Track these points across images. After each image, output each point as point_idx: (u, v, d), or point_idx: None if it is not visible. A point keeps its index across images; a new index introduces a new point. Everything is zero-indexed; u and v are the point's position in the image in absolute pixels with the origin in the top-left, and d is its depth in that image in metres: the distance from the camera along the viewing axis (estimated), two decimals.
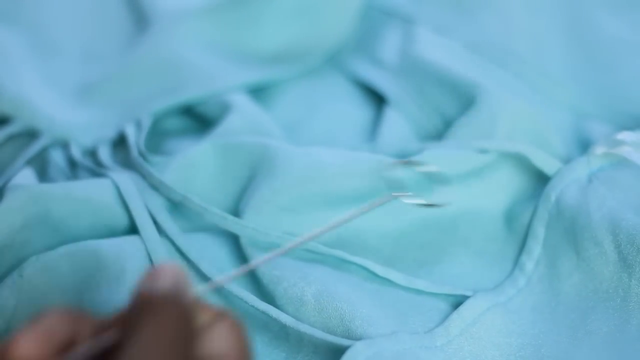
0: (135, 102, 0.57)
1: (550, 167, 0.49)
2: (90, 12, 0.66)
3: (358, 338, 0.42)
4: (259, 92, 0.59)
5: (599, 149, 0.50)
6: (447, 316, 0.45)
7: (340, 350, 0.42)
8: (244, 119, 0.53)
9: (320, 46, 0.61)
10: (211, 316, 0.35)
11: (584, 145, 0.54)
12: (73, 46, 0.63)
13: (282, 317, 0.44)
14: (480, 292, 0.46)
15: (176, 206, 0.49)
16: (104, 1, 0.66)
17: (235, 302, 0.46)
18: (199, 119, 0.58)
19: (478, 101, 0.52)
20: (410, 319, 0.45)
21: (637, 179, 0.48)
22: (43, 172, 0.53)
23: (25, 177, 0.50)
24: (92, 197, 0.48)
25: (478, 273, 0.48)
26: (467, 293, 0.46)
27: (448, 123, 0.54)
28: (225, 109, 0.55)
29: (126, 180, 0.49)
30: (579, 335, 0.44)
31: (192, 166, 0.50)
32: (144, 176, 0.50)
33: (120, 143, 0.55)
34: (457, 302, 0.45)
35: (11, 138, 0.55)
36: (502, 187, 0.51)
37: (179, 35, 0.60)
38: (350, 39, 0.62)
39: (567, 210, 0.47)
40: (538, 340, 0.45)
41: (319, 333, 0.43)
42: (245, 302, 0.45)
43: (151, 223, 0.47)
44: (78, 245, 0.46)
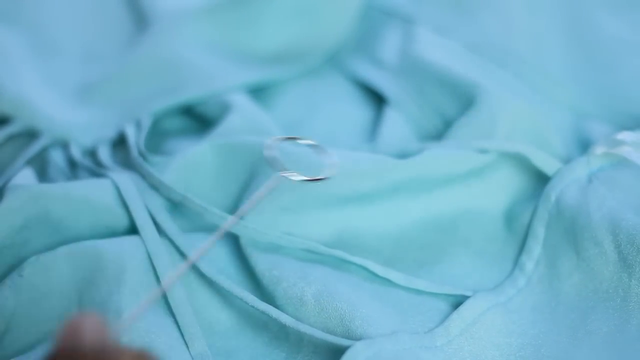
0: (135, 102, 0.57)
1: (550, 167, 0.49)
2: (90, 12, 0.66)
3: (358, 338, 0.42)
4: (259, 92, 0.59)
5: (599, 149, 0.50)
6: (447, 316, 0.45)
7: (340, 350, 0.41)
8: (244, 119, 0.53)
9: (320, 46, 0.61)
10: (131, 358, 0.34)
11: (584, 145, 0.54)
12: (73, 46, 0.63)
13: (282, 317, 0.44)
14: (480, 292, 0.46)
15: (176, 206, 0.49)
16: (104, 1, 0.66)
17: (235, 302, 0.46)
18: (199, 119, 0.58)
19: (478, 101, 0.52)
20: (410, 319, 0.45)
21: (637, 179, 0.48)
22: (43, 172, 0.53)
23: (25, 177, 0.50)
24: (92, 197, 0.48)
25: (478, 273, 0.48)
26: (467, 293, 0.46)
27: (448, 123, 0.54)
28: (225, 109, 0.55)
29: (126, 180, 0.49)
30: (579, 335, 0.44)
31: (192, 166, 0.50)
32: (144, 176, 0.50)
33: (120, 143, 0.55)
34: (457, 302, 0.45)
35: (11, 138, 0.55)
36: (502, 187, 0.50)
37: (179, 35, 0.60)
38: (350, 39, 0.62)
39: (567, 210, 0.47)
40: (538, 340, 0.44)
41: (318, 333, 0.43)
42: (245, 302, 0.44)
43: (151, 223, 0.47)
44: (78, 245, 0.46)
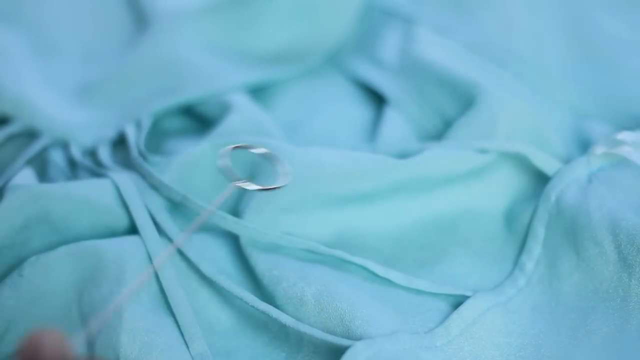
0: (135, 102, 0.57)
1: (550, 167, 0.49)
2: (90, 12, 0.66)
3: (358, 338, 0.42)
4: (259, 92, 0.59)
5: (599, 149, 0.50)
6: (447, 316, 0.45)
7: (340, 350, 0.41)
8: (244, 119, 0.53)
9: (320, 46, 0.61)
10: None
11: (584, 145, 0.54)
12: (73, 46, 0.63)
13: (282, 317, 0.44)
14: (480, 292, 0.46)
15: (176, 206, 0.49)
16: (104, 1, 0.66)
17: (236, 302, 0.46)
18: (199, 119, 0.58)
19: (478, 101, 0.52)
20: (410, 319, 0.45)
21: (637, 179, 0.48)
22: (43, 172, 0.53)
23: (25, 177, 0.50)
24: (92, 197, 0.48)
25: (478, 273, 0.48)
26: (467, 293, 0.46)
27: (448, 123, 0.54)
28: (225, 109, 0.55)
29: (126, 180, 0.49)
30: (579, 335, 0.44)
31: (192, 166, 0.50)
32: (144, 176, 0.50)
33: (120, 143, 0.55)
34: (457, 302, 0.45)
35: (11, 138, 0.55)
36: (502, 187, 0.51)
37: (179, 35, 0.60)
38: (350, 39, 0.62)
39: (567, 210, 0.47)
40: (538, 340, 0.44)
41: (318, 333, 0.43)
42: (245, 302, 0.45)
43: (151, 223, 0.47)
44: (78, 245, 0.46)
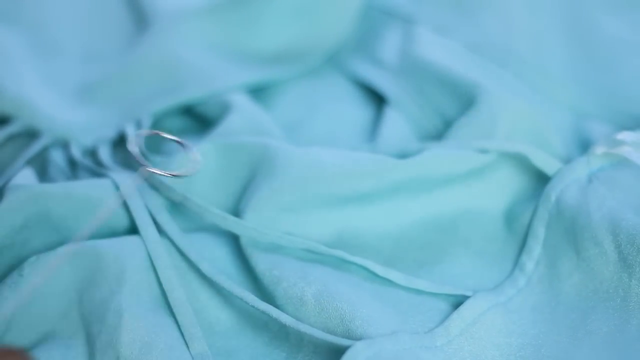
0: (135, 102, 0.57)
1: (550, 167, 0.49)
2: (90, 12, 0.66)
3: (358, 338, 0.42)
4: (259, 92, 0.59)
5: (599, 149, 0.50)
6: (447, 316, 0.45)
7: (341, 350, 0.41)
8: (244, 119, 0.53)
9: (320, 46, 0.61)
10: None
11: (584, 145, 0.54)
12: (73, 46, 0.63)
13: (283, 317, 0.44)
14: (480, 292, 0.46)
15: (176, 206, 0.49)
16: (104, 1, 0.66)
17: (236, 302, 0.46)
18: (199, 119, 0.58)
19: (478, 101, 0.52)
20: (410, 319, 0.45)
21: (637, 179, 0.48)
22: (43, 172, 0.53)
23: (25, 177, 0.50)
24: (92, 197, 0.48)
25: (478, 273, 0.48)
26: (467, 293, 0.46)
27: (448, 123, 0.54)
28: (225, 109, 0.55)
29: (126, 180, 0.49)
30: (579, 335, 0.44)
31: None
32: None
33: (120, 143, 0.55)
34: (457, 302, 0.45)
35: (11, 138, 0.55)
36: (502, 187, 0.50)
37: (179, 35, 0.60)
38: (350, 39, 0.62)
39: (567, 210, 0.47)
40: (538, 340, 0.44)
41: (318, 333, 0.43)
42: (246, 302, 0.44)
43: (151, 223, 0.47)
44: (78, 245, 0.46)
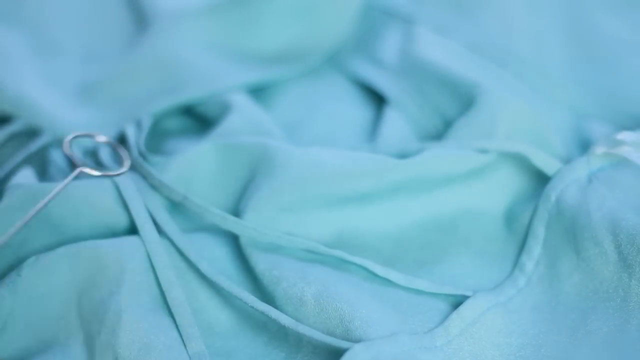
0: (136, 102, 0.57)
1: (550, 167, 0.49)
2: (90, 12, 0.66)
3: (357, 338, 0.42)
4: (259, 92, 0.59)
5: (599, 149, 0.50)
6: (447, 316, 0.45)
7: (339, 352, 0.41)
8: (244, 119, 0.53)
9: (320, 46, 0.61)
10: None
11: (584, 145, 0.54)
12: (74, 46, 0.63)
13: (282, 318, 0.44)
14: (480, 292, 0.46)
15: (176, 206, 0.49)
16: (104, 1, 0.66)
17: (235, 302, 0.46)
18: (199, 119, 0.58)
19: (478, 101, 0.52)
20: (410, 319, 0.45)
21: (637, 179, 0.48)
22: (43, 172, 0.53)
23: (25, 176, 0.50)
24: (92, 197, 0.48)
25: (478, 273, 0.48)
26: (467, 293, 0.46)
27: (448, 123, 0.54)
28: (225, 109, 0.55)
29: (126, 180, 0.49)
30: (579, 335, 0.44)
31: (192, 166, 0.50)
32: (144, 176, 0.50)
33: (120, 143, 0.55)
34: (457, 302, 0.45)
35: (12, 137, 0.55)
36: (502, 187, 0.50)
37: (179, 35, 0.60)
38: (350, 39, 0.62)
39: (567, 210, 0.47)
40: (538, 340, 0.44)
41: (317, 335, 0.43)
42: (245, 302, 0.44)
43: (151, 223, 0.47)
44: (78, 245, 0.46)
